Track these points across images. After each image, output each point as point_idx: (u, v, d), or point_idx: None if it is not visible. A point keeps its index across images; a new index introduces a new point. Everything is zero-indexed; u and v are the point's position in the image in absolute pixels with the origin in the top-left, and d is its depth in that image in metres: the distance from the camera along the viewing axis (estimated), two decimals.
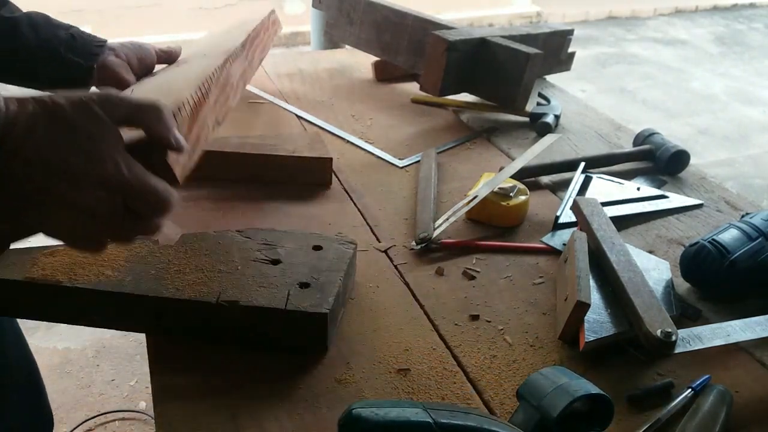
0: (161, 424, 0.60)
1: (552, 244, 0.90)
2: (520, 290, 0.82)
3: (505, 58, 1.23)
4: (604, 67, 4.94)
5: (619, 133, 1.29)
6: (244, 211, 0.94)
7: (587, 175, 1.08)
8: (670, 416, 0.63)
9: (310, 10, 2.39)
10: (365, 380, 0.66)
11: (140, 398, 1.78)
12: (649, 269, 0.82)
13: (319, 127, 1.24)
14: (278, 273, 0.72)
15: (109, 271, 0.70)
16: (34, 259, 0.71)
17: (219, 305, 0.67)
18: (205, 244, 0.76)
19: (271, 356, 0.68)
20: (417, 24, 1.36)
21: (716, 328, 0.69)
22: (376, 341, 0.72)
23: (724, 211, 1.02)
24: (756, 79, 4.87)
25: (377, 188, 1.04)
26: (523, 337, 0.74)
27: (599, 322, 0.71)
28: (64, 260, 0.71)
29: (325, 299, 0.68)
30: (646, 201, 1.01)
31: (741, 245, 0.79)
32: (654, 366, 0.70)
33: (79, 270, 0.70)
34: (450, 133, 1.25)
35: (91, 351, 1.93)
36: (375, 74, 1.50)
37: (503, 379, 0.68)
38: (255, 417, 0.61)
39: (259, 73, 1.50)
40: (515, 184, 0.95)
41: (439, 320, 0.76)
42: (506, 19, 5.96)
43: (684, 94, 4.49)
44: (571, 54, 1.53)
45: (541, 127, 1.25)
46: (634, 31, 6.02)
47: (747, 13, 6.98)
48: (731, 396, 0.64)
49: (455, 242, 0.90)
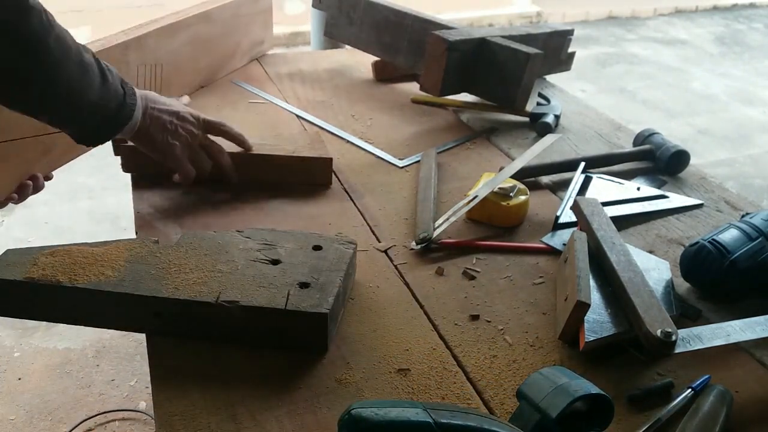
0: (161, 424, 0.60)
1: (552, 244, 0.90)
2: (520, 290, 0.82)
3: (505, 58, 1.23)
4: (604, 67, 4.94)
5: (619, 133, 1.29)
6: (244, 211, 0.94)
7: (587, 175, 1.08)
8: (670, 416, 0.63)
9: (310, 10, 2.39)
10: (365, 380, 0.66)
11: (140, 398, 1.78)
12: (649, 269, 0.82)
13: (319, 127, 1.24)
14: (278, 273, 0.72)
15: (109, 271, 0.71)
16: (34, 258, 0.71)
17: (219, 305, 0.67)
18: (205, 243, 0.76)
19: (271, 356, 0.68)
20: (417, 24, 1.36)
21: (716, 328, 0.69)
22: (376, 341, 0.72)
23: (724, 211, 1.02)
24: (756, 79, 4.87)
25: (377, 188, 1.04)
26: (523, 337, 0.74)
27: (599, 322, 0.71)
28: (65, 260, 0.71)
29: (325, 299, 0.69)
30: (646, 201, 1.01)
31: (741, 245, 0.79)
32: (654, 366, 0.70)
33: (79, 270, 0.70)
34: (450, 133, 1.25)
35: (91, 351, 1.93)
36: (375, 74, 1.50)
37: (503, 379, 0.68)
38: (255, 417, 0.61)
39: (259, 73, 1.50)
40: (515, 184, 0.95)
41: (439, 320, 0.76)
42: (506, 19, 5.96)
43: (684, 94, 4.49)
44: (571, 54, 1.53)
45: (541, 127, 1.25)
46: (634, 31, 6.02)
47: (747, 13, 6.98)
48: (731, 396, 0.64)
49: (455, 242, 0.89)
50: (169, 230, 0.89)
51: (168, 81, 1.27)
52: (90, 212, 2.63)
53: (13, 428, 1.66)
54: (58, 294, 0.69)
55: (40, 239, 2.43)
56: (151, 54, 1.20)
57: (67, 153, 1.03)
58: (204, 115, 0.97)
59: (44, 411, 1.71)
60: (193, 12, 1.31)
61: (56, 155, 1.00)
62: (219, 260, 0.74)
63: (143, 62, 1.18)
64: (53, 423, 1.68)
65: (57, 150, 0.99)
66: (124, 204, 2.65)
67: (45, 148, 0.96)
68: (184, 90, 1.33)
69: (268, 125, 1.24)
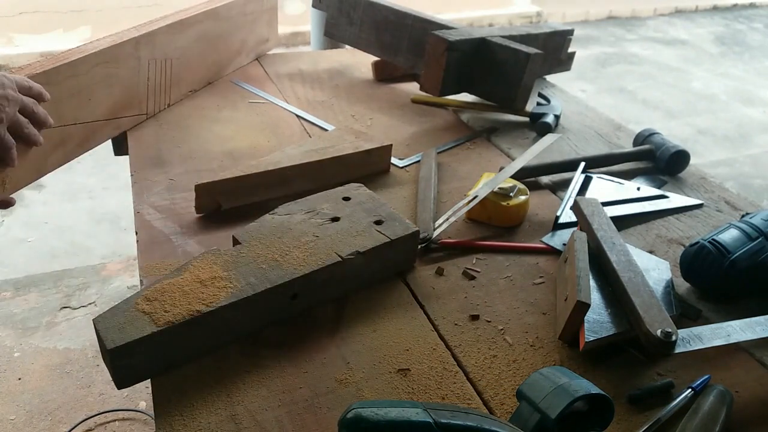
0: (161, 424, 0.60)
1: (552, 244, 0.90)
2: (520, 290, 0.82)
3: (505, 58, 1.23)
4: (604, 67, 4.94)
5: (619, 133, 1.29)
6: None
7: (587, 175, 1.08)
8: (670, 416, 0.63)
9: (310, 10, 2.39)
10: (365, 380, 0.66)
11: (140, 398, 1.78)
12: (649, 269, 0.82)
13: (319, 127, 1.24)
14: (348, 225, 0.81)
15: (225, 283, 0.69)
16: (137, 312, 0.65)
17: (346, 260, 0.75)
18: (264, 232, 0.79)
19: (271, 356, 0.68)
20: (417, 24, 1.36)
21: (716, 328, 0.69)
22: (376, 341, 0.72)
23: (724, 211, 1.02)
24: (756, 79, 4.87)
25: (377, 188, 1.04)
26: (523, 337, 0.74)
27: (599, 322, 0.71)
28: (171, 297, 0.67)
29: (405, 223, 0.82)
30: (646, 201, 1.01)
31: (741, 245, 0.79)
32: (654, 366, 0.70)
33: (198, 296, 0.67)
34: (450, 133, 1.25)
35: (91, 351, 1.93)
36: (375, 74, 1.50)
37: (503, 379, 0.68)
38: (255, 417, 0.61)
39: (259, 73, 1.50)
40: (515, 184, 0.95)
41: (439, 320, 0.76)
42: (506, 19, 5.96)
43: (684, 94, 4.49)
44: (571, 54, 1.53)
45: (541, 127, 1.25)
46: (634, 31, 6.02)
47: (747, 13, 6.98)
48: (731, 396, 0.64)
49: (455, 242, 0.89)
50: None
51: (178, 76, 1.28)
52: (90, 212, 2.63)
53: (13, 428, 1.66)
54: (200, 325, 0.66)
55: (40, 239, 2.43)
56: (161, 50, 1.22)
57: (82, 146, 1.06)
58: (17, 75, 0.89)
59: (44, 411, 1.71)
60: (202, 9, 1.32)
61: (71, 148, 1.03)
62: (295, 236, 0.78)
63: (153, 57, 1.20)
64: (53, 423, 1.68)
65: (72, 142, 1.02)
66: (124, 204, 2.65)
67: (59, 141, 0.99)
68: (193, 85, 1.34)
69: (268, 125, 1.24)
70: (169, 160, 1.08)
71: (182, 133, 1.18)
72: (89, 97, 1.06)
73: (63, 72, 0.99)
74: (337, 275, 0.76)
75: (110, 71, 1.10)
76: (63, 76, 0.99)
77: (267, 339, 0.71)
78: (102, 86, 1.09)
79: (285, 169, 0.97)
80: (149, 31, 1.17)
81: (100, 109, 1.10)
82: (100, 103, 1.10)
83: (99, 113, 1.10)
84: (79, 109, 1.05)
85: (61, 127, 1.00)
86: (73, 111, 1.04)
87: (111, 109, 1.13)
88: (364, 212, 0.84)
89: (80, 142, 1.07)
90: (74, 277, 2.22)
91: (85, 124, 1.07)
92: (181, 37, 1.27)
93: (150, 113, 1.23)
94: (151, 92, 1.21)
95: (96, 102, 1.08)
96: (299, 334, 0.72)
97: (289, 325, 0.73)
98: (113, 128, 1.15)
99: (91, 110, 1.08)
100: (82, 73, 1.03)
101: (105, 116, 1.11)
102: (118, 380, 0.64)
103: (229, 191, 0.93)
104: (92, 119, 1.08)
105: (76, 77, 1.02)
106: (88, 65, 1.04)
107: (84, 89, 1.04)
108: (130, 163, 1.06)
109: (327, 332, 0.72)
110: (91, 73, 1.05)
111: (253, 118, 1.26)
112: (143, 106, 1.21)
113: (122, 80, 1.14)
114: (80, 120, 1.05)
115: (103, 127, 1.12)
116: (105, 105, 1.11)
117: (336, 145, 1.05)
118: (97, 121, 1.09)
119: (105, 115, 1.11)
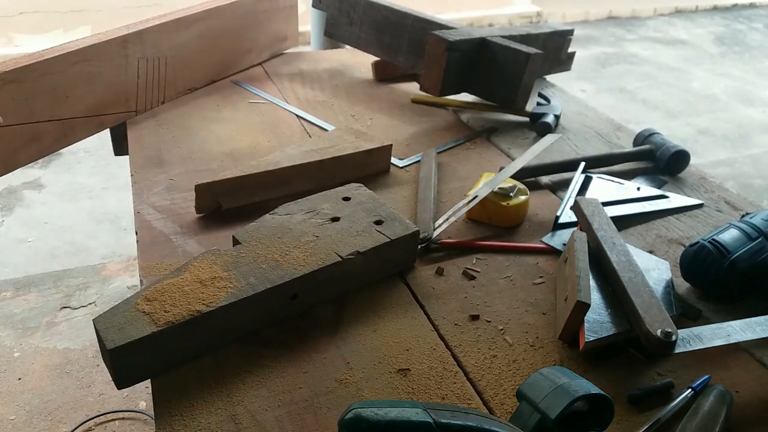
0: (161, 424, 0.60)
1: (552, 244, 0.90)
2: (520, 290, 0.82)
3: (505, 58, 1.23)
4: (604, 67, 4.94)
5: (619, 133, 1.29)
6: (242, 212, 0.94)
7: (587, 175, 1.08)
8: (670, 416, 0.63)
9: (310, 10, 2.39)
10: (365, 380, 0.66)
11: (140, 398, 1.78)
12: (649, 269, 0.82)
13: (319, 127, 1.24)
14: (348, 225, 0.81)
15: (225, 283, 0.69)
16: (136, 312, 0.65)
17: (346, 260, 0.75)
18: (264, 232, 0.79)
19: (271, 356, 0.68)
20: (417, 24, 1.36)
21: (716, 328, 0.69)
22: (376, 341, 0.72)
23: (724, 211, 1.02)
24: (756, 79, 4.87)
25: (377, 188, 1.04)
26: (523, 337, 0.74)
27: (599, 322, 0.71)
28: (171, 297, 0.66)
29: (405, 223, 0.82)
30: (646, 201, 1.01)
31: (741, 245, 0.79)
32: (654, 366, 0.70)
33: (198, 296, 0.67)
34: (450, 133, 1.25)
35: (91, 351, 1.93)
36: (375, 74, 1.50)
37: (503, 379, 0.68)
38: (255, 417, 0.61)
39: (259, 73, 1.50)
40: (515, 184, 0.95)
41: (439, 320, 0.76)
42: (506, 19, 5.96)
43: (684, 94, 4.49)
44: (571, 54, 1.53)
45: (541, 127, 1.25)
46: (634, 31, 6.02)
47: (747, 13, 6.98)
48: (731, 396, 0.64)
49: (455, 242, 0.89)
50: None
51: (173, 74, 1.28)
52: (90, 212, 2.63)
53: (13, 428, 1.66)
54: (200, 325, 0.66)
55: (40, 239, 2.43)
56: (153, 48, 1.22)
57: (60, 141, 1.07)
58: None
59: (44, 411, 1.71)
60: (201, 8, 1.32)
61: (47, 143, 1.03)
62: (296, 236, 0.78)
63: (144, 55, 1.20)
64: (53, 423, 1.68)
65: (47, 138, 1.03)
66: (124, 204, 2.65)
67: (31, 137, 0.99)
68: (194, 83, 1.35)
69: (268, 125, 1.24)
70: (169, 160, 1.08)
71: (182, 133, 1.18)
72: (66, 95, 1.07)
73: (36, 69, 1.00)
74: (337, 275, 0.76)
75: (92, 69, 1.11)
76: (36, 74, 1.00)
77: (267, 339, 0.71)
78: (82, 84, 1.10)
79: (285, 169, 0.97)
80: (139, 29, 1.18)
81: (79, 106, 1.11)
82: (80, 100, 1.10)
83: (78, 110, 1.11)
84: (54, 106, 1.06)
85: (32, 124, 1.00)
86: (48, 108, 1.05)
87: (93, 107, 1.13)
88: (364, 212, 0.84)
89: (58, 137, 1.08)
90: (74, 277, 2.22)
91: (62, 121, 1.07)
92: (177, 35, 1.27)
93: (140, 110, 1.23)
94: (141, 90, 1.22)
95: (75, 99, 1.09)
96: (299, 334, 0.72)
97: (289, 325, 0.73)
98: (96, 125, 1.16)
99: (69, 107, 1.09)
100: (58, 71, 1.04)
101: (85, 113, 1.12)
102: (118, 380, 0.64)
103: (229, 191, 0.93)
104: (70, 116, 1.09)
105: (52, 75, 1.03)
106: (65, 63, 1.05)
107: (60, 87, 1.05)
108: (130, 163, 1.06)
109: (327, 332, 0.72)
110: (68, 72, 1.06)
111: (253, 118, 1.26)
112: (131, 103, 1.21)
113: (106, 78, 1.14)
114: (56, 117, 1.06)
115: (83, 123, 1.12)
116: (85, 102, 1.12)
117: (336, 145, 1.05)
118: (75, 118, 1.10)
119: (85, 112, 1.12)
